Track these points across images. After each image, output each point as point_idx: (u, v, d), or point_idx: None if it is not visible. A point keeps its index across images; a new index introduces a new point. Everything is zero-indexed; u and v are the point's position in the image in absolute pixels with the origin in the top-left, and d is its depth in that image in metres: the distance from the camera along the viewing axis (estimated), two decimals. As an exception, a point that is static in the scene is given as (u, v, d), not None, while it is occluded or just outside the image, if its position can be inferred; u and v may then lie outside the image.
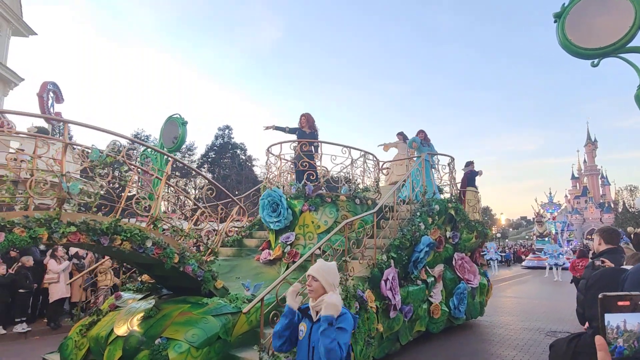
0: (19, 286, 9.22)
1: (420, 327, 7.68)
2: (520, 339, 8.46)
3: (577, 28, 4.12)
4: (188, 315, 5.21)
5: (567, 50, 4.18)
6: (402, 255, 7.10)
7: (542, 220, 27.76)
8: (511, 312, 11.84)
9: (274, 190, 7.49)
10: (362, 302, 5.89)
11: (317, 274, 2.99)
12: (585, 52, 4.09)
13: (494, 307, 12.34)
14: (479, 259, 10.22)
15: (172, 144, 11.46)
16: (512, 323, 10.11)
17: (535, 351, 7.50)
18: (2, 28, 24.89)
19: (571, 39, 4.12)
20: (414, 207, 8.30)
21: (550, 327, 9.53)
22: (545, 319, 10.71)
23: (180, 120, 10.99)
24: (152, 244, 5.08)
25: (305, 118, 8.36)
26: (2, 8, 23.85)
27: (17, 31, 26.02)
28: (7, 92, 25.55)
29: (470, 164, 11.34)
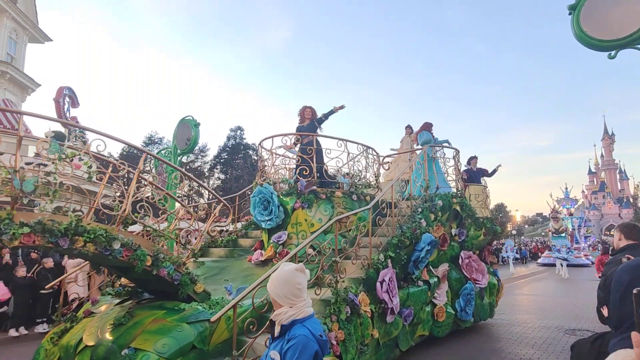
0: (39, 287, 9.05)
1: (423, 331, 7.04)
2: (539, 337, 8.06)
3: (592, 19, 3.99)
4: (161, 322, 4.70)
5: (582, 42, 4.02)
6: (401, 254, 6.47)
7: (558, 217, 26.55)
8: (528, 310, 11.35)
9: (264, 186, 6.95)
10: (353, 306, 5.29)
11: (268, 284, 2.41)
12: (601, 44, 3.93)
13: (510, 306, 11.94)
14: (488, 257, 9.51)
15: (185, 145, 11.19)
16: (529, 321, 9.68)
17: (554, 350, 7.13)
18: (18, 35, 25.01)
19: (587, 30, 3.98)
20: (415, 203, 7.65)
21: (569, 325, 9.12)
22: (563, 316, 10.25)
23: (192, 122, 10.81)
24: (121, 245, 4.59)
25: (310, 111, 7.77)
26: (18, 15, 23.96)
27: (33, 38, 26.17)
28: (25, 98, 25.67)
29: (472, 160, 10.58)
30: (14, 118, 23.45)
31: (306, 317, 2.32)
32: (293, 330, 2.24)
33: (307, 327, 2.27)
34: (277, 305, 2.35)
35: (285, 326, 2.29)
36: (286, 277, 2.35)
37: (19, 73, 23.68)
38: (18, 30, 24.58)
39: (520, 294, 15.22)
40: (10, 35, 23.98)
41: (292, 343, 2.15)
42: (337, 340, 4.96)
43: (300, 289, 2.37)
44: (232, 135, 40.68)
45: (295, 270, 2.41)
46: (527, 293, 15.54)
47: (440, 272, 7.55)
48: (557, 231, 25.67)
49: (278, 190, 7.02)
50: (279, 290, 2.32)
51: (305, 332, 2.21)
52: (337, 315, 5.11)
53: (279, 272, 2.39)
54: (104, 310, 5.35)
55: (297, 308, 2.31)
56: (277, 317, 2.33)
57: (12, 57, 23.92)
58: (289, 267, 2.45)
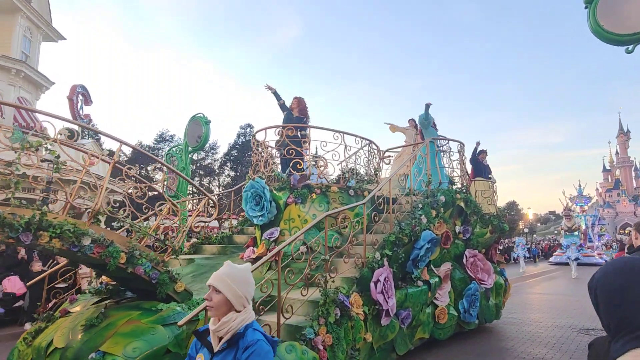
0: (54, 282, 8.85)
1: (422, 333, 6.57)
2: (552, 336, 7.74)
3: (609, 13, 3.87)
4: (135, 324, 4.33)
5: (598, 36, 3.90)
6: (399, 252, 6.00)
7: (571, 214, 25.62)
8: (541, 309, 10.94)
9: (256, 181, 6.54)
10: (343, 308, 4.85)
11: (220, 283, 1.99)
12: (618, 38, 3.81)
13: (522, 304, 11.58)
14: (495, 256, 8.96)
15: (196, 142, 11.01)
16: (542, 320, 9.33)
17: (568, 349, 6.84)
18: (33, 34, 25.06)
19: (603, 24, 3.86)
20: (415, 199, 7.16)
21: (583, 324, 8.79)
22: (577, 315, 9.83)
23: (203, 120, 10.67)
24: (92, 241, 4.22)
25: (297, 101, 7.36)
26: (33, 14, 23.99)
27: (47, 36, 26.21)
28: (39, 96, 25.73)
29: (481, 153, 10.00)
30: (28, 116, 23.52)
31: (253, 321, 2.01)
32: (248, 337, 1.91)
33: (259, 330, 1.97)
34: (225, 310, 1.96)
35: (238, 334, 1.93)
36: (246, 276, 2.05)
37: (34, 71, 23.71)
38: (32, 29, 24.63)
39: (532, 292, 14.75)
40: (24, 34, 24.02)
41: (253, 350, 1.85)
42: (325, 345, 4.53)
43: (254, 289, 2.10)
44: (242, 132, 40.45)
45: (250, 270, 2.12)
46: (539, 292, 15.04)
47: (442, 271, 7.06)
48: (570, 229, 24.79)
49: (271, 185, 6.61)
50: (241, 290, 1.98)
51: (260, 336, 1.92)
52: (326, 318, 4.68)
53: (237, 270, 2.04)
54: (80, 309, 5.00)
55: (246, 312, 1.98)
56: (226, 326, 1.94)
57: (26, 55, 23.96)
58: (244, 266, 2.13)
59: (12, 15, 23.13)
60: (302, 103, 7.35)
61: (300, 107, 7.33)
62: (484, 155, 9.84)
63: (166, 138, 36.61)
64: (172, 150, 12.25)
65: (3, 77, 22.40)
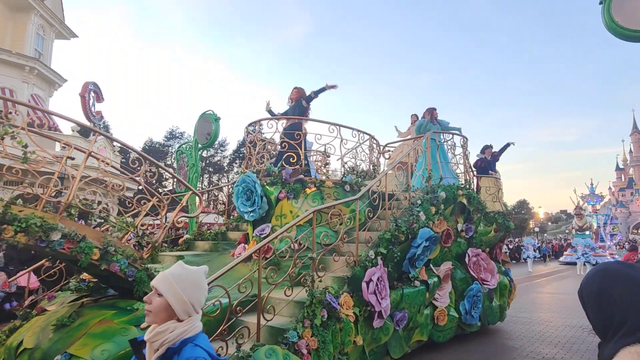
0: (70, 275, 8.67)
1: (420, 336, 6.18)
2: (562, 336, 7.55)
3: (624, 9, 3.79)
4: (107, 324, 4.03)
5: (613, 32, 3.83)
6: (395, 251, 5.62)
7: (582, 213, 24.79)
8: (551, 309, 10.65)
9: (247, 175, 6.21)
10: (330, 309, 4.49)
11: (164, 284, 1.66)
12: (633, 34, 3.74)
13: (532, 304, 11.40)
14: (499, 256, 8.51)
15: (206, 139, 10.79)
16: (552, 320, 9.10)
17: (578, 349, 6.65)
18: (46, 31, 25.13)
19: (618, 20, 3.79)
20: (414, 195, 6.75)
21: None
22: None
23: (213, 117, 10.42)
24: (62, 236, 3.94)
25: (298, 91, 6.98)
26: (46, 12, 24.05)
27: (59, 34, 26.29)
28: (52, 93, 25.84)
29: (487, 149, 9.55)
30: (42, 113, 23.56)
31: (197, 334, 1.67)
32: (184, 354, 1.58)
33: (201, 346, 1.63)
34: (165, 317, 1.63)
35: (173, 349, 1.59)
36: (197, 279, 1.72)
37: (47, 69, 23.77)
38: (45, 27, 24.70)
39: (543, 292, 14.37)
40: (37, 32, 24.09)
41: None
42: (309, 349, 4.19)
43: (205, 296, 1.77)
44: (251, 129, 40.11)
45: (204, 273, 1.78)
46: (549, 291, 14.56)
47: (442, 271, 6.65)
48: (581, 228, 23.99)
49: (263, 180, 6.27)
50: (187, 295, 1.64)
51: (201, 354, 1.58)
52: (311, 320, 4.33)
53: (187, 272, 1.71)
54: (55, 308, 4.73)
55: (189, 323, 1.64)
56: (160, 337, 1.62)
57: (39, 53, 24.03)
58: (198, 268, 1.77)
59: (26, 13, 23.19)
60: (303, 94, 6.99)
61: (297, 97, 6.96)
62: (489, 150, 9.37)
63: (176, 135, 36.55)
64: (182, 147, 12.14)
65: (17, 74, 22.47)
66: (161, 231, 4.67)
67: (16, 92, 21.91)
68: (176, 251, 6.99)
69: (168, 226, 4.66)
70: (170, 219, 4.74)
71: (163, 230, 4.67)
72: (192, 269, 1.72)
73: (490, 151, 9.37)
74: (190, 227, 9.31)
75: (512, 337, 7.51)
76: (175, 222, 4.75)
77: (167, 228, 4.65)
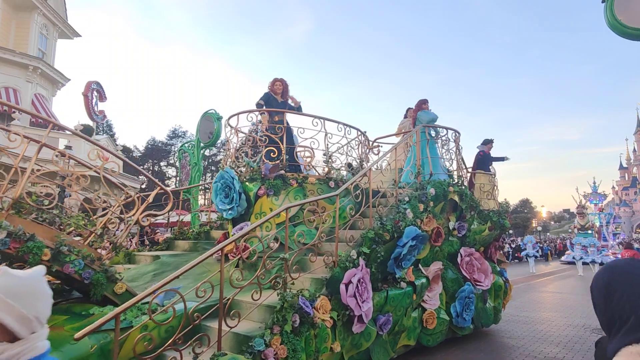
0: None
1: (408, 340, 5.76)
2: (564, 335, 7.42)
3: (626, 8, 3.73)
4: (57, 331, 3.65)
5: (616, 31, 3.78)
6: (379, 250, 5.20)
7: (584, 212, 24.13)
8: (553, 308, 10.46)
9: (225, 171, 5.82)
10: (303, 314, 4.08)
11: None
12: (636, 32, 3.69)
13: (534, 303, 11.23)
14: (495, 255, 8.06)
15: (208, 138, 10.63)
16: (554, 319, 8.94)
17: (580, 348, 6.57)
18: (49, 31, 24.96)
19: (620, 19, 3.73)
20: (402, 192, 6.33)
21: (597, 324, 8.15)
22: (590, 315, 9.30)
23: (215, 116, 10.26)
24: (7, 235, 3.57)
25: (281, 83, 6.58)
26: (49, 12, 23.88)
27: (62, 34, 26.12)
28: (55, 92, 25.69)
29: (488, 143, 9.07)
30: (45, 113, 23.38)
31: (42, 354, 1.33)
32: None
33: None
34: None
35: None
36: (32, 286, 1.33)
37: (50, 68, 23.59)
38: (48, 27, 24.53)
39: (545, 291, 14.06)
40: (41, 31, 23.91)
41: None
42: (277, 358, 3.79)
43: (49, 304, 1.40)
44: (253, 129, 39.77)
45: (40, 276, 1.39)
46: (551, 290, 14.23)
47: (432, 271, 6.22)
48: (583, 227, 23.33)
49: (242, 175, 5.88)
50: (26, 308, 1.27)
51: None
52: (281, 326, 3.94)
53: (17, 280, 1.30)
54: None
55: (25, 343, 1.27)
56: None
57: (43, 52, 23.85)
58: (28, 272, 1.36)
59: (29, 12, 23.01)
60: (286, 86, 6.58)
61: (284, 90, 6.55)
62: (490, 145, 8.90)
63: (179, 134, 36.27)
64: (184, 146, 12.04)
65: (21, 73, 22.29)
66: (125, 229, 4.29)
67: (20, 92, 21.74)
68: (155, 251, 6.63)
69: (131, 224, 4.27)
70: (134, 218, 4.36)
71: (126, 229, 4.29)
72: (22, 274, 1.33)
73: (491, 146, 8.90)
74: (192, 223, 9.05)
75: (513, 337, 7.33)
76: (140, 221, 4.36)
77: (130, 227, 4.26)
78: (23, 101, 21.90)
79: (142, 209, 4.44)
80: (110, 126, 33.19)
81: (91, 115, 24.31)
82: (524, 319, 8.85)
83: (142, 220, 4.39)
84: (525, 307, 10.32)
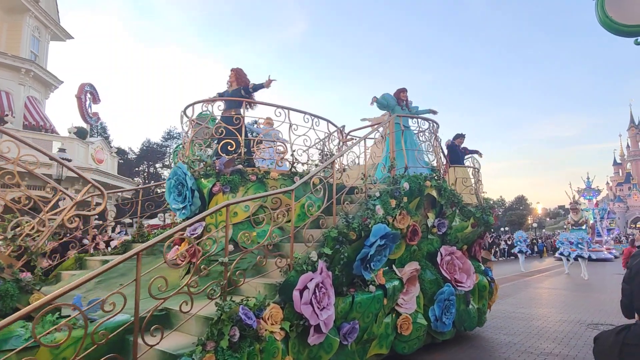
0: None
1: (379, 349, 5.13)
2: (560, 331, 7.32)
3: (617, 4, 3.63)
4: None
5: (607, 28, 3.65)
6: (343, 251, 4.57)
7: (578, 207, 23.43)
8: (548, 304, 10.34)
9: (178, 166, 5.20)
10: (243, 327, 3.46)
11: None
12: (627, 29, 3.56)
13: (529, 299, 11.06)
14: (479, 254, 7.43)
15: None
16: (550, 315, 8.83)
17: (576, 344, 6.47)
18: (41, 33, 24.44)
19: (612, 15, 3.60)
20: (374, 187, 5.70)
21: (592, 320, 8.31)
22: (585, 311, 9.30)
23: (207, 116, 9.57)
24: None
25: (235, 73, 5.98)
26: (41, 14, 23.36)
27: (55, 36, 25.61)
28: (48, 95, 25.18)
29: (458, 137, 8.45)
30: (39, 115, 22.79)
31: None
32: None
33: None
34: None
35: None
36: None
37: (43, 71, 23.06)
38: (41, 29, 23.99)
39: (541, 287, 13.83)
40: (33, 34, 23.37)
41: None
42: (210, 380, 3.17)
43: None
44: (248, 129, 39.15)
45: None
46: (547, 287, 13.98)
47: (407, 273, 5.59)
48: (577, 223, 22.64)
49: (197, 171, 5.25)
50: None
51: None
52: (217, 342, 3.32)
53: None
54: None
55: None
56: None
57: (35, 55, 23.31)
58: None
59: (21, 15, 22.46)
60: (241, 74, 5.97)
61: (238, 79, 5.94)
62: (460, 140, 8.26)
63: (174, 135, 35.56)
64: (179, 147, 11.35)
65: (13, 76, 21.75)
66: (45, 234, 3.68)
67: (13, 95, 21.19)
68: (110, 255, 6.01)
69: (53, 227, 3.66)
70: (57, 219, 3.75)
71: (47, 233, 3.67)
72: None
73: (461, 140, 8.27)
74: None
75: (510, 333, 7.18)
76: (66, 222, 3.75)
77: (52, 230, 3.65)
78: (16, 104, 21.35)
79: (67, 210, 3.82)
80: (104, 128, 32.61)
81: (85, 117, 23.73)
82: (520, 315, 8.69)
83: (67, 222, 3.77)
84: (521, 304, 10.18)
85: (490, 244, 25.16)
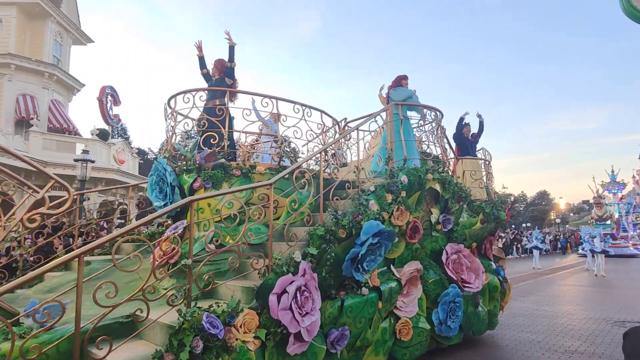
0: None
1: (375, 356, 4.63)
2: (585, 329, 7.05)
3: None
4: None
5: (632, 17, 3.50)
6: (331, 251, 4.10)
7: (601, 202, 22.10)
8: (573, 301, 9.91)
9: (159, 161, 4.83)
10: (207, 337, 3.03)
11: None
12: None
13: (553, 297, 10.61)
14: (490, 252, 6.81)
15: None
16: (575, 312, 8.47)
17: (602, 342, 6.20)
18: (63, 38, 24.75)
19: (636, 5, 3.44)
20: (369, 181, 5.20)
21: (619, 317, 7.96)
22: (611, 308, 8.91)
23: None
24: None
25: (218, 62, 5.57)
26: (62, 19, 23.66)
27: (76, 40, 25.92)
28: (71, 98, 25.51)
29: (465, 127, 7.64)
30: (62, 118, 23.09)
31: None
32: None
33: None
34: None
35: None
36: None
37: (65, 74, 23.37)
38: (62, 33, 24.29)
39: (565, 284, 13.28)
40: (55, 39, 23.68)
41: None
42: (165, 397, 2.76)
43: None
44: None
45: None
46: (571, 284, 13.41)
47: (406, 273, 5.06)
48: (601, 218, 21.39)
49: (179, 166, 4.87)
50: None
51: None
52: (176, 355, 2.90)
53: None
54: None
55: None
56: None
57: (58, 59, 23.63)
58: None
59: (43, 20, 22.80)
60: (223, 64, 5.55)
61: (220, 69, 5.52)
62: (468, 129, 7.57)
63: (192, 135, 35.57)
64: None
65: (37, 80, 22.09)
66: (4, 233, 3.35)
67: (37, 98, 21.52)
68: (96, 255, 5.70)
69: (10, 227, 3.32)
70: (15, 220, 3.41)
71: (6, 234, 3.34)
72: None
73: (468, 129, 7.53)
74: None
75: (533, 331, 6.90)
76: (25, 222, 3.41)
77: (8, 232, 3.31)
78: (40, 107, 21.68)
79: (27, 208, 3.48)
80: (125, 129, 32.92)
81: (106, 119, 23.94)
82: (543, 313, 8.35)
83: (27, 222, 3.43)
84: (544, 301, 9.78)
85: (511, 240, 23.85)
